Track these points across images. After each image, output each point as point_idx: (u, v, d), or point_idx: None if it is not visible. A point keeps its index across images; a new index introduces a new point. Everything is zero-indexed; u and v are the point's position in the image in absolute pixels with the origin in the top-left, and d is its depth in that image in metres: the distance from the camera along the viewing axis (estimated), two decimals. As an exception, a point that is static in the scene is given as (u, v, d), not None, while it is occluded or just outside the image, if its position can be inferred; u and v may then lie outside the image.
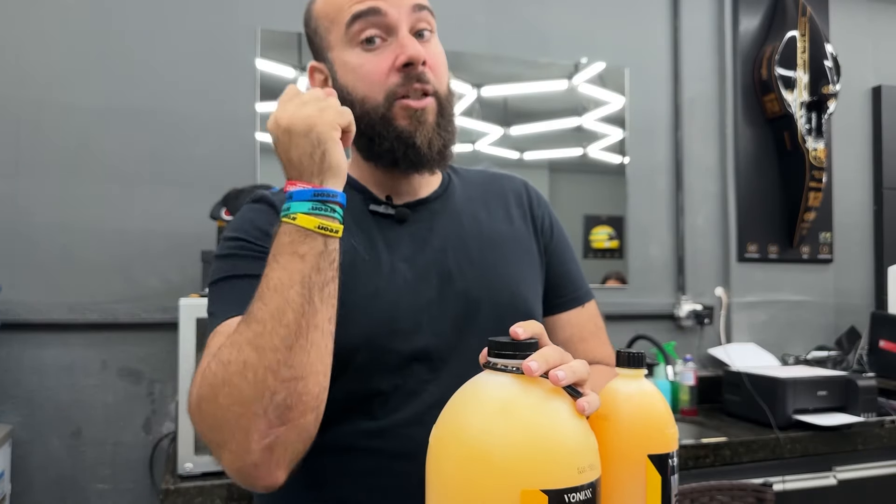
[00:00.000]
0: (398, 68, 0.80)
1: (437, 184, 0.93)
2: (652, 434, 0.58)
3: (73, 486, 1.87)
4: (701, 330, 2.54)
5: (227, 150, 2.04)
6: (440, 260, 0.85)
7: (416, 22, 0.83)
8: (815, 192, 2.59)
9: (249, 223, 0.82)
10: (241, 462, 0.64)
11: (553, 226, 0.98)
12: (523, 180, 1.01)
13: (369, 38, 0.81)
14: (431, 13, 0.85)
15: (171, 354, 1.83)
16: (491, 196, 0.96)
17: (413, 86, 0.81)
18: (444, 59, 0.87)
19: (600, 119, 2.48)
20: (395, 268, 0.83)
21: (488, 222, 0.92)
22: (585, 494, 0.50)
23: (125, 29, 1.97)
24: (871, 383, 2.08)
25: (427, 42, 0.84)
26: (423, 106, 0.82)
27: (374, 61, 0.81)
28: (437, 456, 0.54)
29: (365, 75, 0.81)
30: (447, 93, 0.86)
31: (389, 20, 0.80)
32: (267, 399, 0.62)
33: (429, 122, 0.82)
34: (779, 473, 1.91)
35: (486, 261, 0.87)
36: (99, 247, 1.92)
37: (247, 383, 0.63)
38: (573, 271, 0.98)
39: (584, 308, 0.97)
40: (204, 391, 0.65)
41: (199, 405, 0.66)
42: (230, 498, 1.48)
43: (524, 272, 0.91)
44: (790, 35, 2.58)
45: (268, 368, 0.62)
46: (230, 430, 0.63)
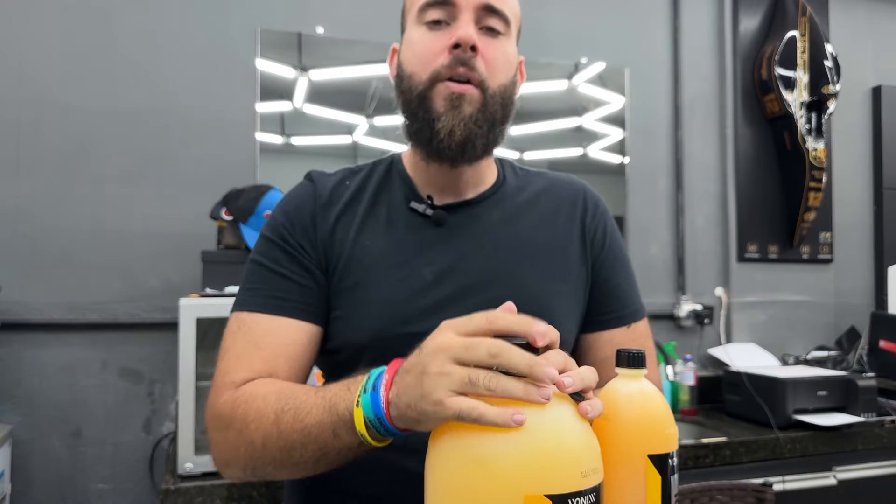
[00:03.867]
0: (449, 49, 0.80)
1: (488, 184, 0.91)
2: (652, 434, 0.58)
3: (73, 486, 1.87)
4: (701, 330, 2.54)
5: (227, 150, 2.04)
6: (467, 267, 0.84)
7: (484, 18, 0.82)
8: (815, 192, 2.59)
9: (294, 208, 0.87)
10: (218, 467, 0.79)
11: (606, 238, 0.94)
12: (583, 187, 0.97)
13: (436, 20, 0.82)
14: (507, 21, 0.84)
15: (171, 354, 1.83)
16: (543, 204, 0.93)
17: (458, 69, 0.80)
18: (506, 60, 0.85)
19: (600, 119, 2.48)
20: (417, 271, 0.83)
21: (529, 232, 0.89)
22: (589, 499, 0.49)
23: (125, 29, 1.97)
24: (871, 383, 2.08)
25: (492, 39, 0.83)
26: (463, 91, 0.80)
27: (431, 39, 0.82)
28: (437, 460, 0.53)
29: (419, 52, 0.83)
30: (498, 92, 0.83)
31: (456, 7, 0.82)
32: (249, 467, 0.74)
33: (464, 111, 0.80)
34: (779, 473, 1.91)
35: (516, 272, 0.86)
36: (99, 247, 1.92)
37: (244, 449, 0.73)
38: (622, 287, 0.93)
39: (630, 329, 0.92)
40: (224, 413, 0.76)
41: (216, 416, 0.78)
42: (230, 498, 1.48)
43: (558, 287, 0.88)
44: (790, 35, 2.58)
45: (261, 458, 0.72)
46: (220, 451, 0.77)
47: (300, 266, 0.84)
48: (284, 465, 0.71)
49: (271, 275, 0.83)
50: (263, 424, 0.71)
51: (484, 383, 0.53)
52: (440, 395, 0.54)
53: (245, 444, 0.72)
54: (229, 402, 0.76)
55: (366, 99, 2.17)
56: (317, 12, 2.14)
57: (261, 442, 0.71)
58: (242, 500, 1.49)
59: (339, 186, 0.89)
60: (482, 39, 0.82)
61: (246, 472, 0.75)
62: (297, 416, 0.68)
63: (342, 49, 2.16)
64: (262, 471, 0.73)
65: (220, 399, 0.77)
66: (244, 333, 0.81)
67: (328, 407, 0.65)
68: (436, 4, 0.82)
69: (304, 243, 0.85)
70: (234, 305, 0.84)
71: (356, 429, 0.63)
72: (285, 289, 0.82)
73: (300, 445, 0.68)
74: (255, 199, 1.76)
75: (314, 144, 2.13)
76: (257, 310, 0.81)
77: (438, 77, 0.81)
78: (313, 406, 0.67)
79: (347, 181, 0.90)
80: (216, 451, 0.78)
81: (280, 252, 0.84)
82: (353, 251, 0.84)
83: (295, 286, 0.83)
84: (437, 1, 0.82)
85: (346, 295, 0.83)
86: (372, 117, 2.17)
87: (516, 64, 0.88)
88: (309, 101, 2.12)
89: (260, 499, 1.50)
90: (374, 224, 0.86)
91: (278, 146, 2.09)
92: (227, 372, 0.79)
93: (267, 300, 0.82)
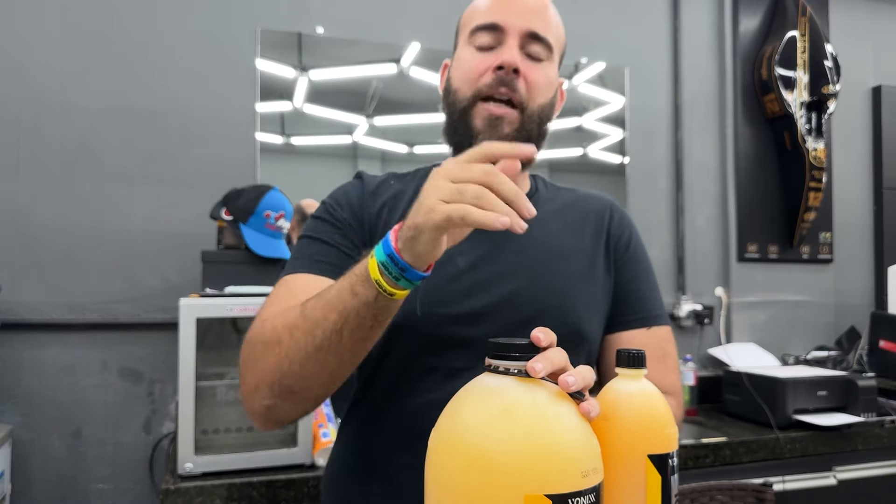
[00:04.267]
0: (493, 70, 0.87)
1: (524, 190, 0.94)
2: (652, 434, 0.58)
3: (73, 486, 1.87)
4: (701, 330, 2.54)
5: (227, 150, 2.04)
6: (497, 258, 0.88)
7: (529, 44, 0.88)
8: (815, 192, 2.59)
9: (343, 195, 0.94)
10: (247, 403, 0.80)
11: (631, 244, 0.98)
12: (611, 201, 1.01)
13: (485, 45, 0.89)
14: (550, 47, 0.90)
15: (171, 354, 1.83)
16: (571, 213, 0.97)
17: (500, 89, 0.86)
18: (546, 85, 0.90)
19: (600, 119, 2.48)
20: (451, 259, 0.86)
21: (558, 235, 0.93)
22: (589, 499, 0.49)
23: (125, 29, 1.97)
24: (871, 383, 2.08)
25: (536, 65, 0.89)
26: (502, 114, 0.86)
27: (478, 60, 0.89)
28: (437, 460, 0.53)
29: (466, 70, 0.89)
30: (536, 113, 0.89)
31: (503, 33, 0.88)
32: (277, 375, 0.75)
33: (502, 131, 0.86)
34: (779, 473, 1.91)
35: (543, 269, 0.89)
36: (99, 247, 1.92)
37: (272, 354, 0.75)
38: (642, 291, 0.96)
39: (650, 331, 0.94)
40: (253, 336, 0.79)
41: (246, 343, 0.80)
42: (230, 498, 1.48)
43: (582, 287, 0.91)
44: (790, 35, 2.58)
45: (287, 355, 0.73)
46: (250, 376, 0.78)
47: (345, 238, 0.89)
48: (310, 356, 0.72)
49: (317, 243, 0.89)
50: (290, 318, 0.74)
51: (472, 192, 0.58)
52: (431, 204, 0.60)
53: (274, 344, 0.75)
54: (257, 327, 0.79)
55: (366, 99, 2.17)
56: (317, 12, 2.14)
57: (288, 334, 0.73)
58: (242, 500, 1.49)
59: (384, 183, 0.96)
60: (525, 63, 0.88)
61: (273, 388, 0.75)
62: (320, 296, 0.72)
63: (342, 49, 2.16)
64: (290, 374, 0.73)
65: (253, 330, 0.80)
66: (286, 289, 0.85)
67: (347, 275, 0.70)
68: (486, 28, 0.89)
69: (351, 220, 0.90)
70: (281, 273, 0.89)
71: (370, 277, 0.66)
72: (330, 254, 0.87)
73: (322, 318, 0.70)
74: (255, 199, 1.76)
75: (314, 144, 2.13)
76: (301, 271, 0.86)
77: (480, 94, 0.87)
78: (335, 283, 0.72)
79: (392, 181, 0.97)
80: (246, 378, 0.79)
81: (327, 225, 0.90)
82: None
83: (340, 253, 0.87)
84: (487, 25, 0.88)
85: None
86: (372, 117, 2.17)
87: (556, 86, 0.94)
88: (309, 101, 2.12)
89: (260, 499, 1.50)
90: None
91: (278, 146, 2.09)
92: (260, 316, 0.82)
93: (311, 263, 0.87)
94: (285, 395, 0.76)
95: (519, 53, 0.87)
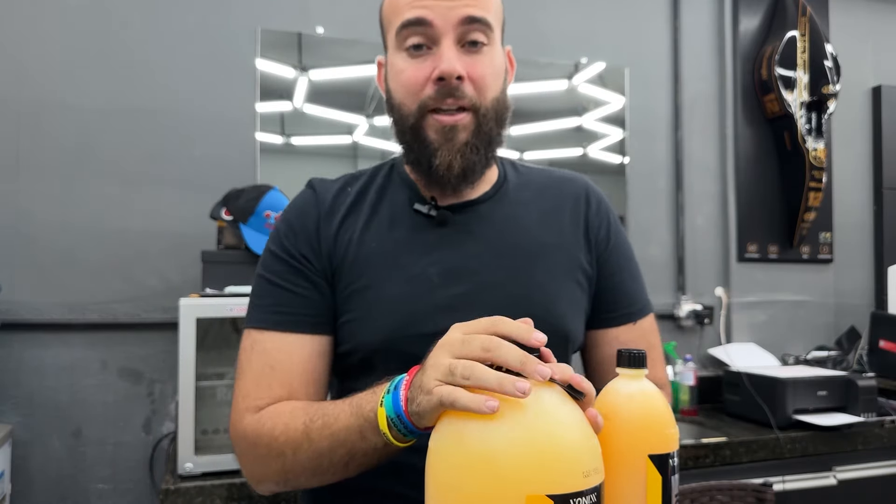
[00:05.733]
0: (433, 80, 0.79)
1: (490, 183, 0.91)
2: (652, 434, 0.58)
3: (73, 486, 1.87)
4: (701, 330, 2.54)
5: (227, 150, 2.04)
6: (473, 267, 0.84)
7: (466, 33, 0.80)
8: (815, 192, 2.59)
9: (297, 217, 0.88)
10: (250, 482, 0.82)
11: (611, 235, 0.94)
12: (585, 183, 0.96)
13: (416, 44, 0.81)
14: (489, 25, 0.81)
15: (171, 354, 1.83)
16: (546, 201, 0.92)
17: (447, 101, 0.80)
18: (493, 72, 0.83)
19: (600, 119, 2.48)
20: (425, 271, 0.83)
21: (535, 231, 0.89)
22: (591, 499, 0.49)
23: (125, 29, 1.97)
24: (871, 383, 2.08)
25: (476, 53, 0.81)
26: (455, 122, 0.81)
27: (414, 69, 0.81)
28: (438, 460, 0.53)
29: (404, 82, 0.82)
30: (491, 107, 0.83)
31: (434, 31, 0.80)
32: (281, 479, 0.78)
33: (458, 140, 0.81)
34: (779, 473, 1.91)
35: (522, 271, 0.85)
36: (99, 247, 1.92)
37: (275, 463, 0.76)
38: (627, 284, 0.94)
39: (636, 325, 0.93)
40: (249, 434, 0.79)
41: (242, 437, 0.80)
42: (230, 498, 1.48)
43: (565, 287, 0.88)
44: (790, 35, 2.58)
45: (291, 470, 0.76)
46: (251, 470, 0.81)
47: (304, 278, 0.85)
48: (315, 473, 0.74)
49: (276, 289, 0.85)
50: (293, 436, 0.74)
51: (460, 371, 0.55)
52: (430, 385, 0.57)
53: (275, 457, 0.76)
54: (254, 422, 0.79)
55: (366, 99, 2.17)
56: (317, 12, 2.14)
57: (292, 452, 0.74)
58: (242, 500, 1.49)
59: (341, 193, 0.90)
60: (466, 59, 0.80)
61: (279, 485, 0.79)
62: (325, 423, 0.71)
63: (342, 49, 2.16)
64: (295, 481, 0.77)
65: (244, 421, 0.80)
66: (258, 354, 0.83)
67: (355, 411, 0.68)
68: (412, 25, 0.80)
69: (307, 253, 0.85)
70: (245, 321, 0.86)
71: (380, 428, 0.65)
72: (291, 303, 0.84)
73: (329, 451, 0.71)
74: (255, 199, 1.76)
75: (314, 144, 2.13)
76: (267, 327, 0.83)
77: (426, 108, 0.81)
78: (341, 412, 0.70)
79: (349, 187, 0.91)
80: (247, 470, 0.81)
81: (283, 265, 0.85)
82: (359, 253, 0.85)
83: (300, 300, 0.84)
84: (412, 21, 0.80)
85: (356, 298, 0.84)
86: (372, 117, 2.17)
87: (504, 68, 0.87)
88: (309, 101, 2.11)
89: (260, 499, 1.50)
90: (378, 226, 0.87)
91: (278, 146, 2.09)
92: (247, 395, 0.81)
93: (274, 316, 0.83)
94: (291, 487, 0.80)
95: (457, 54, 0.80)
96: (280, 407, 0.79)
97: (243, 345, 0.85)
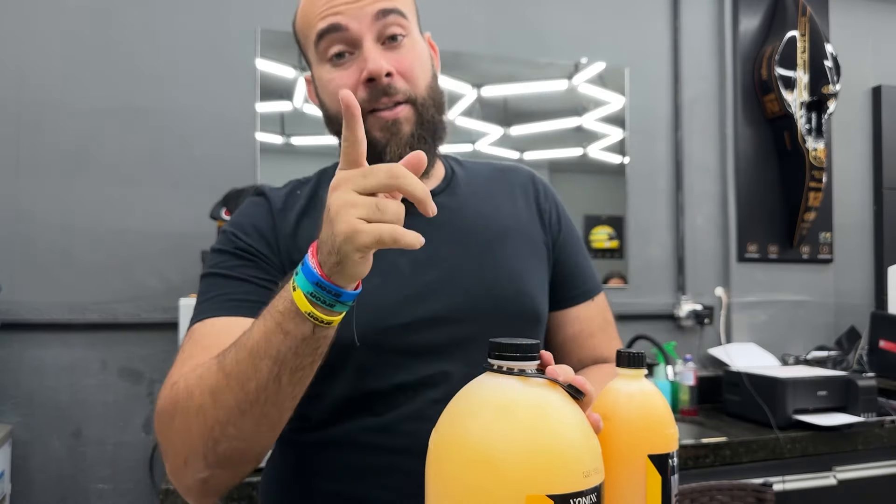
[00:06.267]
0: (364, 83, 0.79)
1: (438, 179, 0.92)
2: (652, 434, 0.58)
3: (73, 486, 1.87)
4: (701, 330, 2.54)
5: (227, 150, 2.04)
6: (441, 254, 0.83)
7: (384, 28, 0.80)
8: (815, 192, 2.59)
9: (247, 218, 0.85)
10: (177, 481, 0.71)
11: (561, 219, 0.96)
12: (530, 172, 0.99)
13: (338, 52, 0.80)
14: (403, 14, 0.81)
15: (171, 354, 1.83)
16: (497, 190, 0.94)
17: (381, 100, 0.80)
18: (420, 61, 0.83)
19: (600, 119, 2.48)
20: (394, 263, 0.82)
21: (494, 216, 0.90)
22: (591, 499, 0.49)
23: (125, 29, 1.97)
24: (871, 383, 2.08)
25: (398, 47, 0.81)
26: (396, 116, 0.80)
27: (342, 77, 0.81)
28: (438, 460, 0.53)
29: (334, 91, 0.81)
30: (427, 95, 0.83)
31: (352, 34, 0.79)
32: (209, 445, 0.65)
33: (404, 133, 0.81)
34: (779, 473, 1.91)
35: (490, 256, 0.86)
36: (99, 247, 1.92)
37: (196, 423, 0.65)
38: (581, 264, 0.97)
39: (594, 302, 0.96)
40: (165, 405, 0.69)
41: (158, 415, 0.70)
42: (230, 498, 1.48)
43: (531, 267, 0.89)
44: (790, 35, 2.58)
45: (217, 420, 0.64)
46: (174, 451, 0.69)
47: (260, 270, 0.80)
48: (245, 413, 0.63)
49: (225, 280, 0.79)
50: (208, 380, 0.65)
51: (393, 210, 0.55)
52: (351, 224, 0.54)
53: (195, 415, 0.65)
54: (167, 392, 0.70)
55: (366, 99, 2.17)
56: (317, 12, 2.14)
57: (211, 399, 0.64)
58: (242, 500, 1.49)
59: (291, 196, 0.88)
60: (390, 55, 0.80)
61: (207, 458, 0.66)
62: (238, 346, 0.64)
63: (342, 49, 2.15)
64: (224, 438, 0.65)
65: (159, 400, 0.71)
66: (195, 341, 0.75)
67: (267, 314, 0.62)
68: (329, 33, 0.79)
69: (262, 249, 0.81)
70: (190, 322, 0.79)
71: (301, 310, 0.59)
72: (243, 291, 0.78)
73: (253, 371, 0.62)
74: (255, 199, 1.76)
75: (314, 144, 2.13)
76: (209, 315, 0.76)
77: (364, 111, 0.79)
78: (253, 327, 0.64)
79: (298, 191, 0.89)
80: (170, 454, 0.70)
81: (232, 258, 0.81)
82: None
83: (254, 287, 0.79)
84: (327, 29, 0.79)
85: None
86: (372, 117, 2.17)
87: (429, 54, 0.87)
88: (309, 101, 2.11)
89: (260, 499, 1.50)
90: None
91: (278, 146, 2.09)
92: (170, 379, 0.72)
93: (221, 304, 0.77)
94: (222, 463, 0.67)
95: (380, 51, 0.79)
96: (192, 369, 0.69)
97: (182, 345, 0.77)
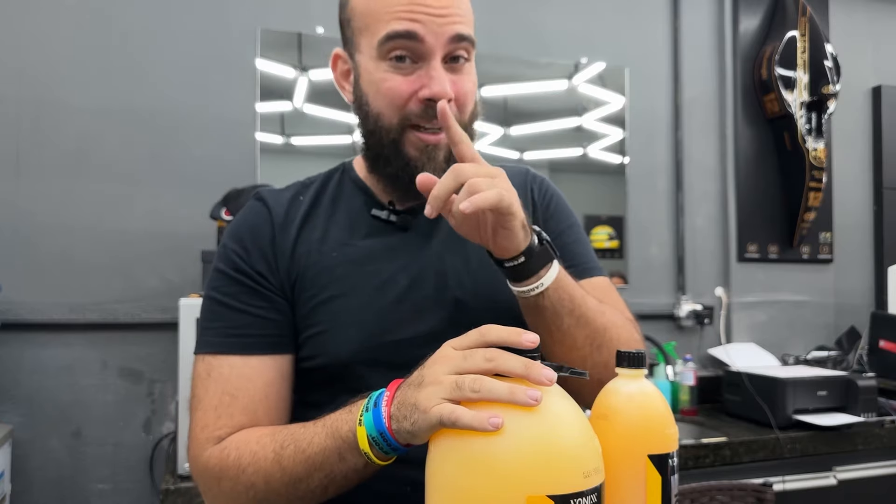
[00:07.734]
0: (421, 99, 0.77)
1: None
2: (652, 434, 0.58)
3: (73, 486, 1.87)
4: (701, 330, 2.54)
5: (227, 150, 2.04)
6: (437, 267, 0.83)
7: (454, 50, 0.78)
8: (815, 192, 2.59)
9: (248, 231, 0.84)
10: None
11: (552, 203, 0.93)
12: (525, 170, 0.97)
13: (400, 56, 0.77)
14: (472, 43, 0.80)
15: (171, 354, 1.83)
16: None
17: (432, 121, 0.78)
18: (473, 89, 0.82)
19: (600, 119, 2.48)
20: (392, 277, 0.82)
21: None
22: (591, 499, 0.49)
23: (125, 29, 1.97)
24: (871, 383, 2.08)
25: (460, 70, 0.80)
26: (437, 141, 0.79)
27: (399, 82, 0.78)
28: (438, 461, 0.53)
29: (386, 92, 0.78)
30: (468, 122, 0.82)
31: (426, 48, 0.76)
32: None
33: (439, 159, 0.79)
34: (779, 473, 1.91)
35: (486, 265, 0.84)
36: (99, 247, 1.92)
37: (245, 496, 0.72)
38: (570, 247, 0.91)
39: (591, 280, 0.90)
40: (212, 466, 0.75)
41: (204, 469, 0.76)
42: (230, 498, 1.48)
43: None
44: (790, 35, 2.58)
45: (264, 499, 0.71)
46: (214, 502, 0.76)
47: (259, 297, 0.81)
48: (291, 501, 0.70)
49: (229, 311, 0.80)
50: (263, 465, 0.70)
51: (469, 386, 0.54)
52: (429, 403, 0.55)
53: (245, 489, 0.72)
54: (216, 454, 0.74)
55: (366, 99, 2.17)
56: (317, 12, 2.14)
57: (263, 483, 0.70)
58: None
59: (294, 203, 0.87)
60: (451, 77, 0.78)
61: None
62: (298, 448, 0.68)
63: (342, 49, 2.15)
64: None
65: (205, 454, 0.75)
66: (215, 381, 0.78)
67: (330, 432, 0.66)
68: (401, 38, 0.76)
69: (261, 269, 0.82)
70: (197, 347, 0.82)
71: (360, 448, 0.62)
72: (246, 324, 0.80)
73: (306, 476, 0.68)
74: (255, 199, 1.76)
75: (314, 144, 2.13)
76: (222, 351, 0.79)
77: (408, 122, 0.78)
78: (314, 435, 0.67)
79: (301, 196, 0.88)
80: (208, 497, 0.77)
81: (236, 285, 0.81)
82: (321, 263, 0.82)
83: (256, 320, 0.80)
84: (402, 34, 0.76)
85: (322, 310, 0.81)
86: (372, 117, 2.17)
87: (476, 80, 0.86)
88: (309, 101, 2.11)
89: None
90: (338, 234, 0.85)
91: (278, 146, 2.09)
92: (206, 426, 0.76)
93: (229, 339, 0.79)
94: None
95: (445, 74, 0.77)
96: (244, 435, 0.75)
97: (197, 371, 0.80)
